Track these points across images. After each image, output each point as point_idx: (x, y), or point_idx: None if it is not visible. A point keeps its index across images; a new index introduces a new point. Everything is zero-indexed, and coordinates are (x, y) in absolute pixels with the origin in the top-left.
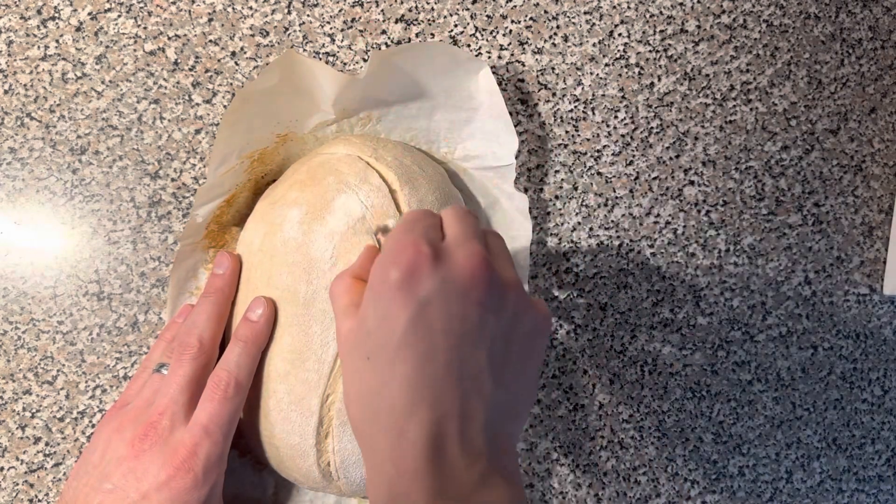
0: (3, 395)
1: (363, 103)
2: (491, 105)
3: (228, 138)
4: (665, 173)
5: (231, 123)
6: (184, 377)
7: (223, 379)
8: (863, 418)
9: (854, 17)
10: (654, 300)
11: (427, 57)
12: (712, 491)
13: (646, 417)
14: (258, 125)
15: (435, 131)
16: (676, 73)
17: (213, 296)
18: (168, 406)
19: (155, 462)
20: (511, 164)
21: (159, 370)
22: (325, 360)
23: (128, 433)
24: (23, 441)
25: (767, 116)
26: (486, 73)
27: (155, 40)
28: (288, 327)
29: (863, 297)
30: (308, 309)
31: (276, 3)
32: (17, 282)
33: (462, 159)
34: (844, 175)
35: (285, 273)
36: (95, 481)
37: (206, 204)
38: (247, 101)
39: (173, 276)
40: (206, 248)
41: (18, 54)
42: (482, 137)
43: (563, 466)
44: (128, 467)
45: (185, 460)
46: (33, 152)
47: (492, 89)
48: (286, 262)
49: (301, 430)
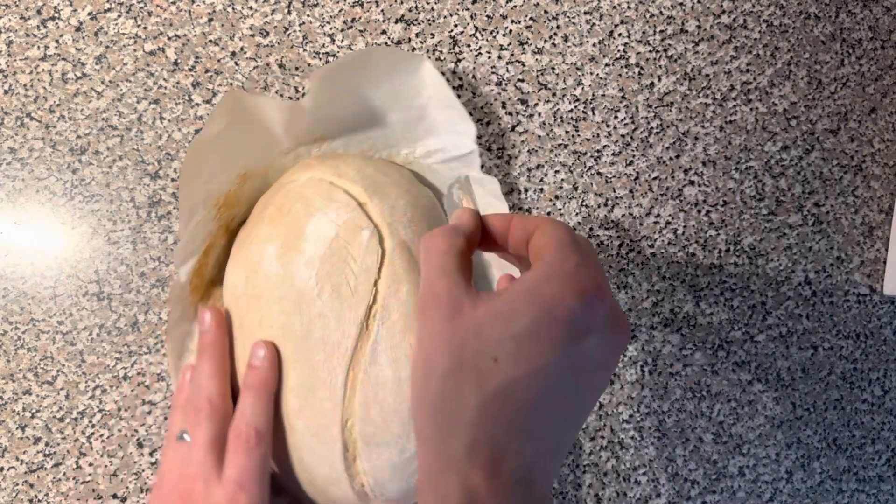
0: (3, 395)
1: (315, 125)
2: (439, 97)
3: (190, 193)
4: (665, 173)
5: (189, 178)
6: (206, 439)
7: (243, 431)
8: (863, 418)
9: (854, 17)
10: (654, 300)
11: (365, 65)
12: (712, 491)
13: (646, 417)
14: (217, 171)
15: (391, 136)
16: (676, 73)
17: (208, 352)
18: (198, 471)
19: None
20: (473, 150)
21: (182, 438)
22: (335, 386)
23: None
24: (23, 441)
25: (767, 116)
26: (427, 66)
27: (155, 40)
28: (292, 363)
29: (863, 297)
30: (307, 341)
31: (276, 3)
32: (17, 282)
33: (424, 156)
34: (844, 175)
35: (276, 310)
36: None
37: (185, 262)
38: (200, 152)
39: (168, 343)
40: (195, 303)
41: (18, 54)
42: (439, 131)
43: (564, 466)
44: None
45: None
46: (33, 152)
47: (436, 81)
48: (274, 299)
49: (328, 459)
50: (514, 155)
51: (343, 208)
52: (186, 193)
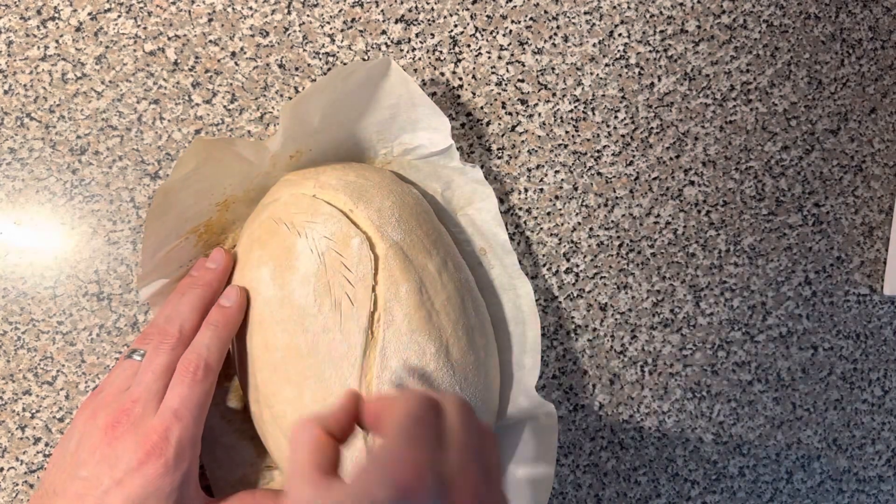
0: (3, 395)
1: (288, 145)
2: (409, 95)
3: (158, 229)
4: (665, 173)
5: (158, 216)
6: (160, 366)
7: (192, 362)
8: (863, 419)
9: (854, 17)
10: (654, 300)
11: (335, 85)
12: (712, 491)
13: (646, 418)
14: (191, 204)
15: (366, 139)
16: (676, 73)
17: (202, 288)
18: (142, 394)
19: (127, 449)
20: (450, 144)
21: (131, 356)
22: None
23: (101, 420)
24: (23, 441)
25: (767, 116)
26: (394, 68)
27: (155, 40)
28: (304, 382)
29: (863, 298)
30: (315, 357)
31: (276, 3)
32: (16, 282)
33: (402, 154)
34: (844, 175)
35: (279, 332)
36: (71, 469)
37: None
38: (170, 193)
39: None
40: None
41: (18, 54)
42: (412, 128)
43: (563, 466)
44: (101, 454)
45: (156, 445)
46: (33, 152)
47: (404, 79)
48: (276, 321)
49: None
50: (514, 155)
51: (329, 220)
52: (154, 229)
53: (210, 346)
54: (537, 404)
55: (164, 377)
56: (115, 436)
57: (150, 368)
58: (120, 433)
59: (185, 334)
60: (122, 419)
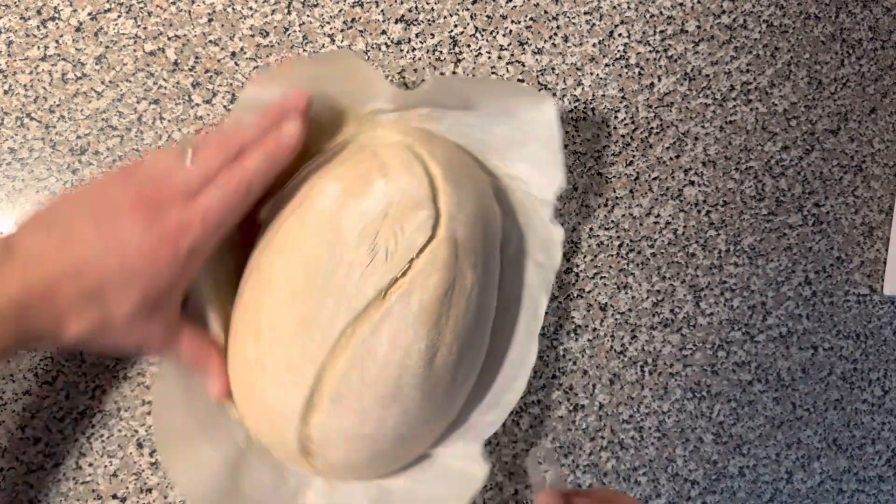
0: (2, 395)
1: (421, 103)
2: (548, 138)
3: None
4: (665, 173)
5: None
6: (209, 169)
7: (237, 177)
8: (863, 419)
9: (854, 17)
10: (654, 300)
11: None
12: (712, 491)
13: (646, 418)
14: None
15: (490, 144)
16: (676, 73)
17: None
18: (178, 186)
19: (145, 222)
20: (551, 200)
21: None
22: (330, 334)
23: (132, 188)
24: (23, 441)
25: (767, 117)
26: (549, 106)
27: (155, 40)
28: (302, 294)
29: (863, 298)
30: (325, 280)
31: (276, 3)
32: None
33: (510, 178)
34: (844, 175)
35: (311, 238)
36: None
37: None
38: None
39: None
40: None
41: (18, 54)
42: (532, 164)
43: (564, 466)
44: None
45: (174, 234)
46: (33, 152)
47: (551, 122)
48: (315, 230)
49: (290, 397)
50: None
51: (416, 182)
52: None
53: (258, 169)
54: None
55: (206, 181)
56: (139, 204)
57: (198, 168)
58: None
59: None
60: (153, 196)
